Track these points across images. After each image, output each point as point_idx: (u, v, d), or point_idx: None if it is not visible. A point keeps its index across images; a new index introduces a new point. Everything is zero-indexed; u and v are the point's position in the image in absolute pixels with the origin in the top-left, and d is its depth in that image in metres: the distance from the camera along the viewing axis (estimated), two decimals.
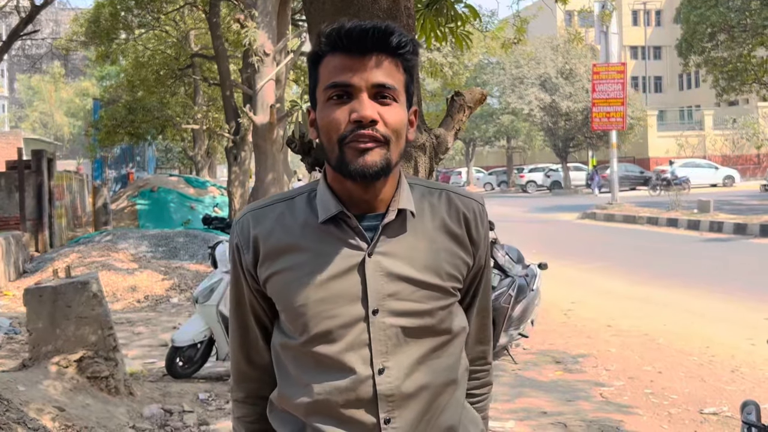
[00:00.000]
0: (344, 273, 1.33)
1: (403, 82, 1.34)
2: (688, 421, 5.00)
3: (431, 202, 1.42)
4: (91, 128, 19.52)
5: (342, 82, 1.29)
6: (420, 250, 1.37)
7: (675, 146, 43.59)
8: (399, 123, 1.31)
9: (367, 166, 1.28)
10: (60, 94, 62.34)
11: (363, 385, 1.32)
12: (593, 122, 23.18)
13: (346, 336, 1.32)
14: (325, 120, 1.31)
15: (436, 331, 1.37)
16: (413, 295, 1.34)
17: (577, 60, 40.47)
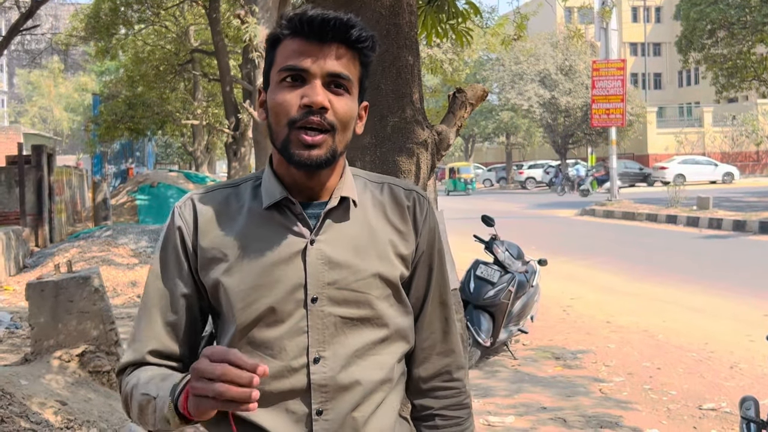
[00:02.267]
0: (286, 259, 1.32)
1: (358, 75, 1.34)
2: (687, 416, 5.03)
3: (373, 193, 1.42)
4: (91, 123, 19.53)
5: (297, 66, 1.28)
6: (361, 239, 1.36)
7: (674, 143, 43.62)
8: (348, 114, 1.31)
9: (312, 158, 1.28)
10: (59, 89, 62.29)
11: (297, 374, 1.30)
12: (593, 119, 23.20)
13: (285, 323, 1.31)
14: (276, 101, 1.30)
15: (375, 324, 1.35)
16: (353, 284, 1.33)
17: (576, 56, 40.49)
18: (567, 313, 8.46)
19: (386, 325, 1.36)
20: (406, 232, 1.41)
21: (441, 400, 1.47)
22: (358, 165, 3.06)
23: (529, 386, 5.81)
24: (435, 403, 1.46)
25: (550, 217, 22.38)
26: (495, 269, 6.67)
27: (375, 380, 1.34)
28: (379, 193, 1.43)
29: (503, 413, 5.16)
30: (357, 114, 1.35)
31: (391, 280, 1.36)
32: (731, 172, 37.02)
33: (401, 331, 1.39)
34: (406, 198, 1.44)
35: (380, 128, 3.12)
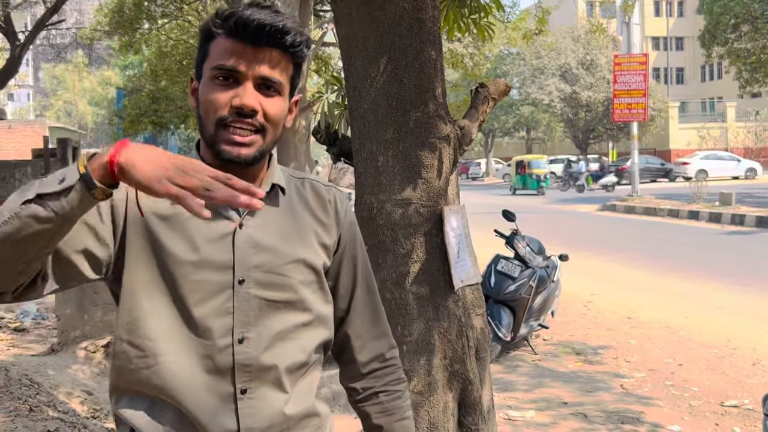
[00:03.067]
0: (215, 241, 1.33)
1: (290, 75, 1.37)
2: (709, 413, 5.02)
3: (297, 186, 1.48)
4: (116, 117, 19.70)
5: (230, 67, 1.30)
6: (287, 226, 1.41)
7: (697, 138, 43.19)
8: (279, 115, 1.35)
9: (241, 155, 1.31)
10: (84, 83, 62.95)
11: (222, 354, 1.31)
12: (614, 114, 23.04)
13: (211, 302, 1.32)
14: (207, 98, 1.32)
15: (298, 308, 1.38)
16: (279, 268, 1.36)
17: (598, 51, 40.19)
18: (588, 309, 8.44)
19: (308, 309, 1.40)
20: (328, 224, 1.47)
21: (381, 378, 1.55)
22: (380, 159, 3.08)
23: (550, 381, 5.81)
24: (376, 382, 1.55)
25: (570, 212, 22.27)
26: (516, 264, 6.68)
27: (295, 362, 1.38)
28: (302, 186, 1.49)
29: (524, 408, 5.17)
30: (287, 110, 1.39)
31: (314, 267, 1.41)
32: (754, 167, 36.58)
33: (322, 318, 1.43)
34: (326, 193, 1.50)
35: (403, 123, 3.14)
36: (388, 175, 3.07)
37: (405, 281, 3.05)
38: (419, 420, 3.03)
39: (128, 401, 1.36)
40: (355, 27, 3.17)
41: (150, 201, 1.31)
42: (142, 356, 1.32)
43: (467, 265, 3.26)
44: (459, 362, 3.08)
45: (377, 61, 3.13)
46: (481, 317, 3.33)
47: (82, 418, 4.44)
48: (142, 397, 1.34)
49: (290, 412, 1.38)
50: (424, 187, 3.07)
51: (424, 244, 3.06)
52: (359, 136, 3.21)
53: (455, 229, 3.19)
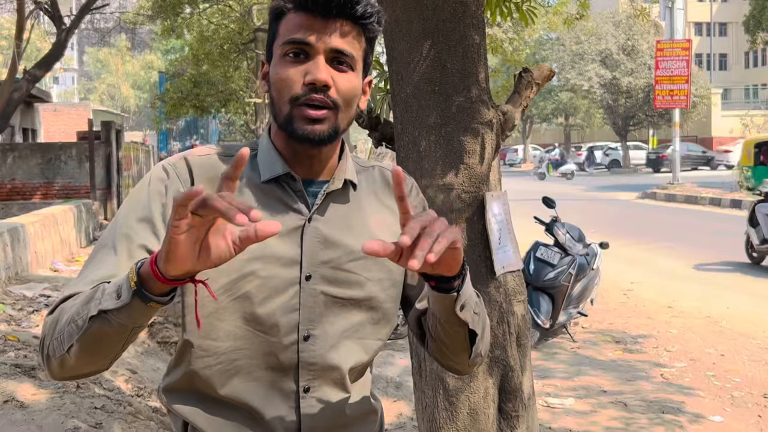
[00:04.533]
0: (283, 235, 1.29)
1: (363, 51, 1.31)
2: (751, 404, 4.95)
3: (365, 176, 1.43)
4: (158, 101, 19.95)
5: (301, 39, 1.25)
6: (357, 220, 1.36)
7: (739, 126, 42.27)
8: (352, 91, 1.29)
9: (315, 132, 1.26)
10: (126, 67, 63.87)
11: (287, 351, 1.29)
12: (656, 100, 22.65)
13: (277, 298, 1.28)
14: (279, 77, 1.27)
15: (365, 306, 1.34)
16: (346, 265, 1.32)
17: (639, 36, 39.48)
18: (627, 297, 8.36)
19: (375, 307, 1.36)
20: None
21: None
22: (423, 145, 3.08)
23: (589, 369, 5.78)
24: None
25: (609, 199, 22.01)
26: (555, 251, 6.63)
27: (359, 361, 1.36)
28: (370, 175, 1.44)
29: (563, 395, 5.15)
30: (361, 90, 1.33)
31: (384, 263, 1.34)
32: None
33: (389, 316, 1.40)
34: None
35: (446, 108, 3.13)
36: (430, 160, 3.07)
37: None
38: (459, 405, 3.04)
39: (185, 397, 1.33)
40: (399, 11, 3.16)
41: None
42: (204, 356, 1.29)
43: (509, 252, 3.25)
44: (500, 348, 3.08)
45: (420, 45, 3.13)
46: (522, 304, 3.31)
47: (127, 396, 4.54)
48: (201, 393, 1.32)
49: (351, 412, 1.36)
50: (466, 173, 3.06)
51: (465, 229, 3.05)
52: (401, 121, 3.22)
53: (497, 216, 3.18)
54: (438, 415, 3.00)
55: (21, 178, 16.27)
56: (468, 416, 3.06)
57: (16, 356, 4.65)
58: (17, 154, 16.34)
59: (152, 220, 1.26)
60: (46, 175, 16.35)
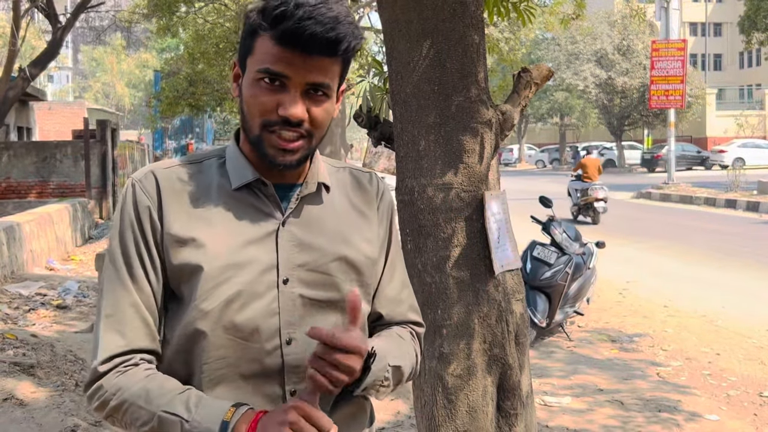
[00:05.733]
0: (258, 241, 1.30)
1: (339, 73, 1.31)
2: (747, 403, 4.98)
3: (336, 178, 1.43)
4: (153, 99, 19.92)
5: (278, 72, 1.24)
6: (331, 222, 1.37)
7: (734, 126, 42.42)
8: (326, 119, 1.29)
9: (285, 161, 1.28)
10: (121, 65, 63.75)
11: (270, 356, 1.29)
12: (651, 100, 22.71)
13: (256, 304, 1.28)
14: (253, 99, 1.27)
15: (341, 307, 1.34)
16: (322, 267, 1.33)
17: (634, 36, 39.53)
18: (623, 296, 8.38)
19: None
20: (370, 216, 1.44)
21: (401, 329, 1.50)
22: (422, 144, 3.09)
23: (585, 368, 5.80)
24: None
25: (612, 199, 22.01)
26: (552, 250, 6.65)
27: None
28: (341, 176, 1.45)
29: (560, 394, 5.17)
30: (334, 110, 1.34)
31: (355, 265, 1.37)
32: None
33: (362, 317, 1.40)
34: (367, 182, 1.47)
35: (445, 107, 3.14)
36: (430, 160, 3.08)
37: (445, 265, 3.05)
38: (458, 403, 3.05)
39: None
40: (398, 11, 3.17)
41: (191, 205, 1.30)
42: (187, 362, 1.30)
43: (507, 251, 3.26)
44: (498, 347, 3.09)
45: (420, 45, 3.13)
46: (521, 302, 3.33)
47: None
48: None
49: (338, 412, 1.36)
50: (466, 172, 3.08)
51: (464, 228, 3.06)
52: (401, 120, 3.23)
53: (496, 215, 3.19)
54: (437, 413, 3.01)
55: (16, 176, 16.24)
56: (467, 414, 3.07)
57: (14, 354, 4.65)
58: (12, 152, 16.31)
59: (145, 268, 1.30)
60: (42, 174, 16.32)
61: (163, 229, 1.29)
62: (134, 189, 1.31)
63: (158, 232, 1.29)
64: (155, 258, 1.30)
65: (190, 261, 1.27)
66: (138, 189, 1.31)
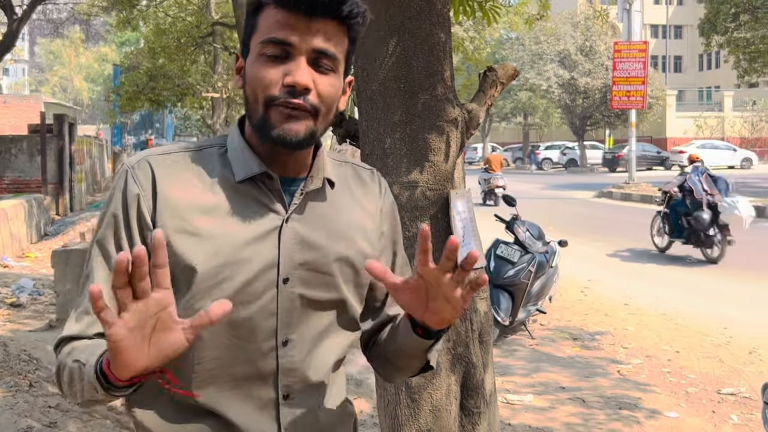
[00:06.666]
0: (260, 237, 1.23)
1: (345, 51, 1.25)
2: (706, 400, 5.05)
3: (340, 174, 1.37)
4: (113, 94, 19.61)
5: (282, 39, 1.18)
6: (332, 221, 1.31)
7: (693, 127, 43.20)
8: (332, 95, 1.23)
9: (291, 133, 1.20)
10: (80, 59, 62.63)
11: (265, 358, 1.24)
12: (612, 101, 23.00)
13: (254, 303, 1.23)
14: (256, 75, 1.21)
15: (339, 307, 1.31)
16: (323, 267, 1.28)
17: (597, 37, 40.03)
18: (585, 295, 8.47)
19: (348, 309, 1.34)
20: (372, 213, 1.39)
21: None
22: (388, 142, 3.07)
23: (548, 366, 5.84)
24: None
25: (567, 198, 22.30)
26: (515, 249, 6.68)
27: (335, 363, 1.33)
28: (344, 172, 1.39)
29: (522, 392, 5.19)
30: (341, 91, 1.28)
31: (354, 265, 1.32)
32: (750, 157, 36.65)
33: (356, 317, 1.37)
34: (369, 178, 1.42)
35: (411, 105, 3.12)
36: (395, 158, 3.06)
37: (411, 264, 3.04)
38: (422, 402, 3.03)
39: (150, 402, 1.26)
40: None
41: (190, 196, 1.23)
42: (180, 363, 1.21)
43: (472, 249, 3.26)
44: (462, 346, 3.09)
45: (386, 42, 3.11)
46: (485, 301, 3.32)
47: None
48: (170, 401, 1.25)
49: (330, 416, 1.33)
50: (431, 171, 3.06)
51: (430, 227, 3.04)
52: (366, 118, 3.20)
53: (461, 213, 3.18)
54: (400, 412, 2.99)
55: None
56: (430, 413, 3.06)
57: None
58: None
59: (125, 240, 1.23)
60: None
61: (155, 219, 1.21)
62: (126, 176, 1.24)
63: (146, 222, 1.22)
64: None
65: (184, 254, 1.19)
66: (129, 176, 1.24)
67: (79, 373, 1.14)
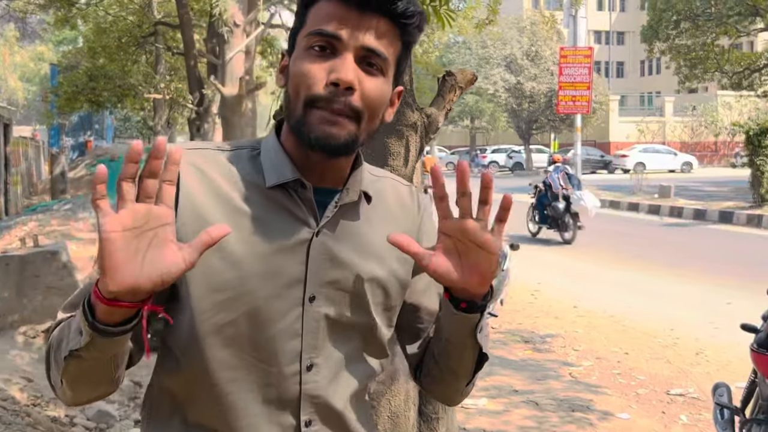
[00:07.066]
0: (288, 250, 1.13)
1: (397, 54, 1.16)
2: (655, 401, 5.12)
3: (377, 188, 1.27)
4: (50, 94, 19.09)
5: (330, 32, 1.10)
6: (366, 237, 1.21)
7: (635, 131, 44.21)
8: (379, 98, 1.13)
9: (330, 137, 1.10)
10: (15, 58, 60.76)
11: (288, 382, 1.14)
12: (558, 105, 23.35)
13: (278, 322, 1.13)
14: (299, 71, 1.11)
15: (367, 331, 1.22)
16: (352, 286, 1.18)
17: (542, 42, 40.66)
18: (535, 298, 8.54)
19: (374, 334, 1.24)
20: (409, 231, 1.25)
21: None
22: None
23: (500, 369, 5.85)
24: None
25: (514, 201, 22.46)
26: None
27: (360, 389, 1.24)
28: (382, 187, 1.28)
29: (476, 395, 5.19)
30: (389, 99, 1.18)
31: (385, 287, 1.22)
32: (690, 161, 37.67)
33: (385, 341, 1.27)
34: (408, 196, 1.32)
35: None
36: None
37: None
38: (380, 409, 2.99)
39: (164, 425, 1.18)
40: None
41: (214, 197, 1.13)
42: (195, 384, 1.14)
43: None
44: None
45: None
46: None
47: (23, 406, 4.27)
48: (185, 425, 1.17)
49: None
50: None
51: None
52: None
53: None
54: None
55: None
56: (389, 419, 3.02)
57: None
58: None
59: None
60: None
61: (176, 218, 1.08)
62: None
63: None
64: None
65: (204, 261, 1.05)
66: None
67: (68, 326, 1.04)
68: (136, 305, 0.95)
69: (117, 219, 0.91)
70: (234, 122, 12.82)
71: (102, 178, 0.90)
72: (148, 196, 0.93)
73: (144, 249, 0.93)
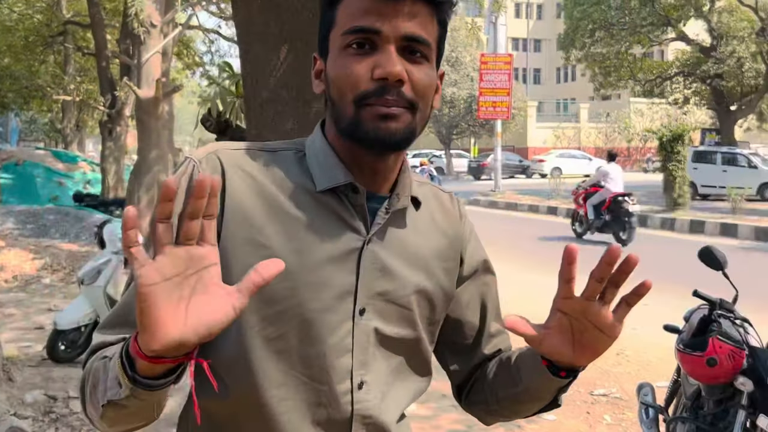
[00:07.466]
0: (338, 259, 1.07)
1: (437, 36, 1.10)
2: (579, 402, 5.24)
3: (422, 194, 1.21)
4: None
5: (368, 27, 1.03)
6: (413, 247, 1.15)
7: (552, 137, 45.43)
8: (428, 86, 1.07)
9: (390, 132, 1.04)
10: None
11: (339, 402, 1.08)
12: (479, 111, 23.78)
13: (329, 337, 1.06)
14: (340, 72, 1.05)
15: (414, 346, 1.17)
16: (402, 299, 1.12)
17: (462, 48, 41.30)
18: None
19: (420, 349, 1.19)
20: (453, 242, 1.23)
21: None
22: None
23: None
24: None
25: None
26: None
27: (402, 409, 1.19)
28: (425, 193, 1.22)
29: None
30: (436, 83, 1.11)
31: (433, 299, 1.17)
32: None
33: (428, 356, 1.22)
34: (449, 202, 1.27)
35: (303, 114, 3.06)
36: None
37: None
38: None
39: None
40: (255, 11, 3.03)
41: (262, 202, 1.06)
42: (241, 405, 1.06)
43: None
44: None
45: (278, 49, 3.02)
46: None
47: None
48: None
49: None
50: None
51: None
52: (256, 126, 3.10)
53: None
54: None
55: None
56: None
57: None
58: None
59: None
60: None
61: (221, 225, 1.03)
62: (189, 167, 1.06)
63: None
64: None
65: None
66: (196, 172, 1.04)
67: (104, 369, 0.96)
68: (181, 360, 0.88)
69: (155, 268, 0.82)
70: (150, 125, 12.49)
71: (132, 223, 0.80)
72: (190, 239, 0.84)
73: (187, 297, 0.84)
